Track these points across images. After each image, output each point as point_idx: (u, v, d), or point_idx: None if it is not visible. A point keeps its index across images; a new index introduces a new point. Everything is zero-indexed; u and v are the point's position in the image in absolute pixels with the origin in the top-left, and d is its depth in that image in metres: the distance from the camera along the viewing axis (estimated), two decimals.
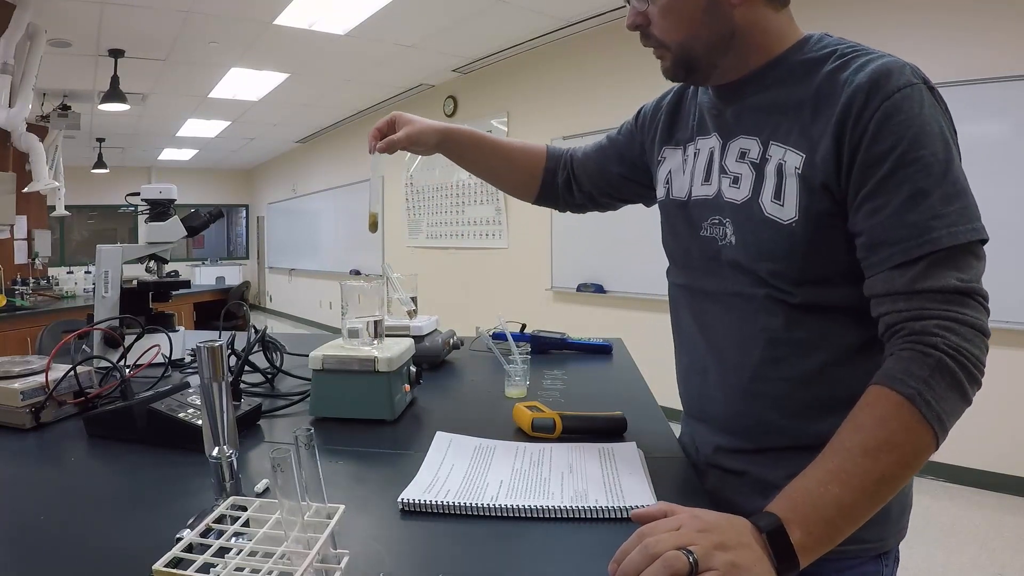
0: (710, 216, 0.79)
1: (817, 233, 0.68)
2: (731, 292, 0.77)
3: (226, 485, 0.60)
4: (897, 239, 0.63)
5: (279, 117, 7.50)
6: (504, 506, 0.67)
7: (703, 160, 0.81)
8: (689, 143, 0.85)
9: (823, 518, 0.56)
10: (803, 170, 0.68)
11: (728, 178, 0.77)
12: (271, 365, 1.26)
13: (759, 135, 0.74)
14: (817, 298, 0.71)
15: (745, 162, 0.75)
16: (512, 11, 4.20)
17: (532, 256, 5.21)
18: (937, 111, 0.65)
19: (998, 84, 2.78)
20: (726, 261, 0.77)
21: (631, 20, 0.78)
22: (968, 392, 0.60)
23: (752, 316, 0.75)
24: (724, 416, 0.80)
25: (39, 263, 5.00)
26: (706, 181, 0.80)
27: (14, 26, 3.54)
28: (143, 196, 1.50)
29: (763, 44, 0.74)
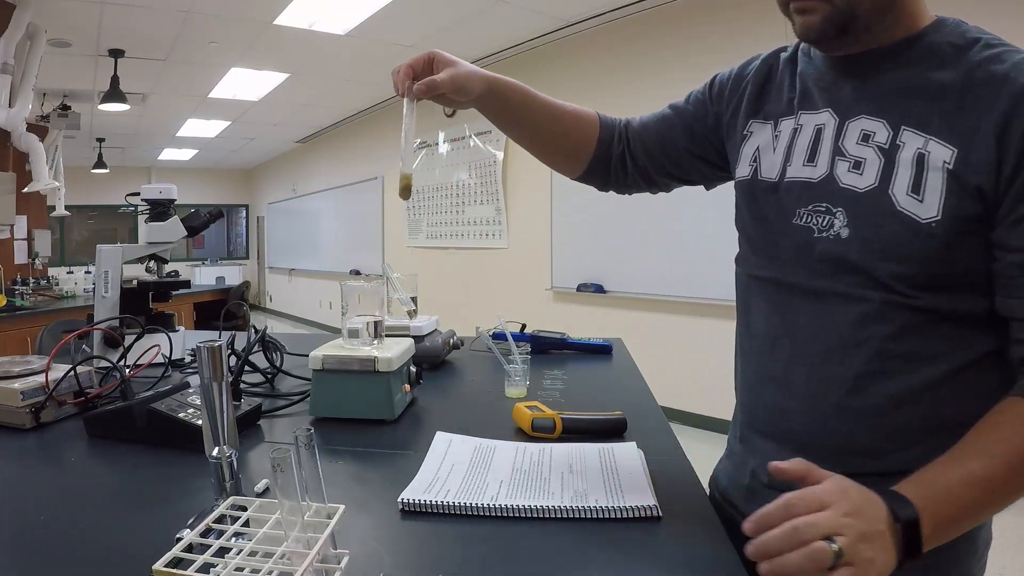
0: (811, 203, 0.69)
1: (958, 238, 0.61)
2: (835, 292, 0.67)
3: (226, 485, 0.60)
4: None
5: (279, 117, 7.50)
6: (504, 506, 0.67)
7: (806, 138, 0.71)
8: (784, 117, 0.75)
9: (953, 519, 0.54)
10: (955, 166, 0.60)
11: (847, 162, 0.66)
12: (271, 365, 1.26)
13: (886, 117, 0.65)
14: (939, 307, 0.63)
15: (870, 145, 0.65)
16: (512, 11, 4.20)
17: (532, 256, 5.21)
18: None
19: None
20: (825, 256, 0.67)
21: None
22: None
23: (858, 321, 0.65)
24: (807, 434, 0.69)
25: (39, 263, 5.00)
26: (810, 162, 0.70)
27: (14, 26, 3.54)
28: (143, 196, 1.50)
29: (912, 15, 0.66)
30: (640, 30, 4.31)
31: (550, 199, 4.97)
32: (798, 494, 0.52)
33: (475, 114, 0.94)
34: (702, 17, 3.93)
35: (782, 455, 0.61)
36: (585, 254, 4.73)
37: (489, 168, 5.63)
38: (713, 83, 0.88)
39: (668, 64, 4.14)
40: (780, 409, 0.72)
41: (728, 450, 0.87)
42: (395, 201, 7.14)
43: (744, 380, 0.79)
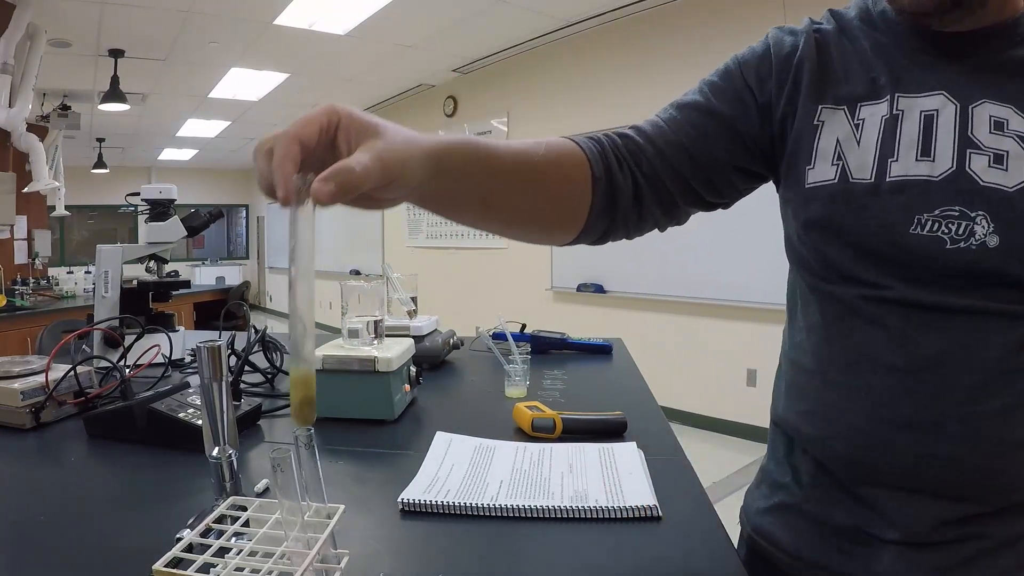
0: (938, 207, 0.56)
1: None
2: (988, 311, 0.55)
3: (226, 485, 0.60)
4: None
5: (279, 117, 7.49)
6: (504, 506, 0.67)
7: (912, 126, 0.58)
8: (867, 102, 0.60)
9: None
10: None
11: (984, 155, 0.55)
12: (271, 365, 1.26)
13: (1013, 103, 0.55)
14: None
15: (1008, 135, 0.54)
16: (512, 11, 4.20)
17: (532, 256, 5.21)
18: None
19: None
20: (966, 271, 0.55)
21: None
22: None
23: (1019, 343, 0.54)
24: (963, 481, 0.56)
25: (39, 263, 5.00)
26: (925, 156, 0.57)
27: (14, 26, 3.54)
28: (143, 196, 1.50)
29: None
30: (640, 30, 4.31)
31: None
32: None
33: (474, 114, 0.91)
34: (702, 17, 3.93)
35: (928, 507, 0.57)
36: (585, 254, 4.73)
37: None
38: (742, 68, 0.69)
39: (668, 64, 4.14)
40: (928, 457, 0.57)
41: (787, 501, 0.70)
42: None
43: (847, 426, 0.61)
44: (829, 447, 0.64)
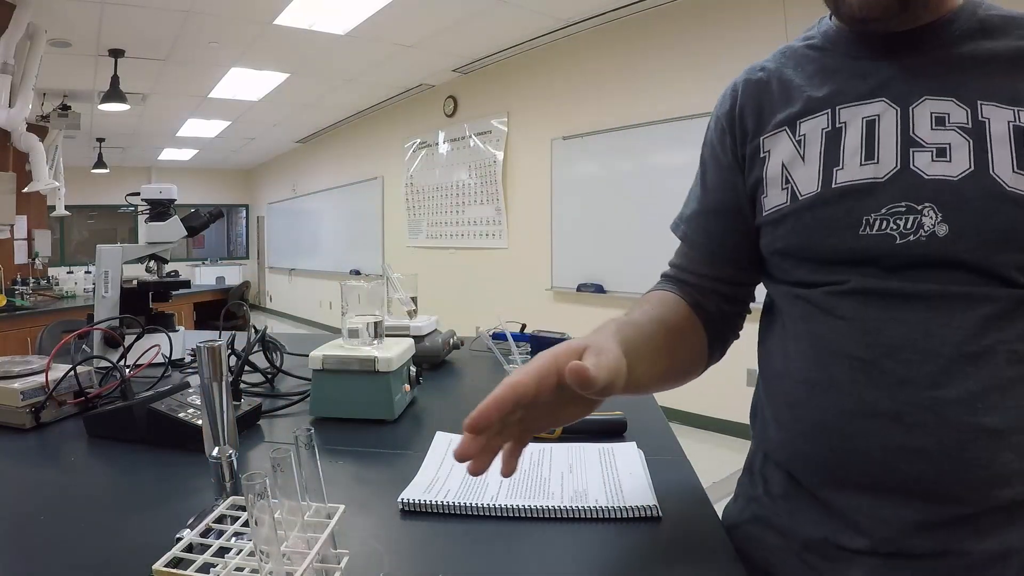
0: (887, 205, 0.57)
1: None
2: (946, 295, 0.55)
3: (226, 485, 0.60)
4: None
5: (279, 117, 7.49)
6: (504, 506, 0.67)
7: (855, 134, 0.60)
8: (805, 118, 0.63)
9: None
10: None
11: (927, 151, 0.57)
12: (271, 365, 1.26)
13: (954, 95, 0.57)
14: None
15: (950, 127, 0.56)
16: (512, 11, 4.19)
17: (532, 256, 5.21)
18: None
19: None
20: (920, 262, 0.56)
21: None
22: None
23: (981, 326, 0.54)
24: (934, 475, 0.53)
25: (39, 263, 5.00)
26: (869, 159, 0.59)
27: (14, 26, 3.54)
28: (143, 196, 1.50)
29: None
30: (640, 30, 4.31)
31: (550, 199, 4.97)
32: None
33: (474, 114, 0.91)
34: (702, 17, 3.93)
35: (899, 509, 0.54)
36: (585, 254, 4.73)
37: (489, 168, 5.63)
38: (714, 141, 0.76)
39: (668, 64, 4.14)
40: (894, 449, 0.55)
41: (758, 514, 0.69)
42: (395, 201, 7.14)
43: (810, 423, 0.61)
44: (794, 449, 0.63)
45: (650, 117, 4.21)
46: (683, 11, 4.05)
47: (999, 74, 0.57)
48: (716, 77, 3.79)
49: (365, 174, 7.76)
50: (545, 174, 5.00)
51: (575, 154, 4.79)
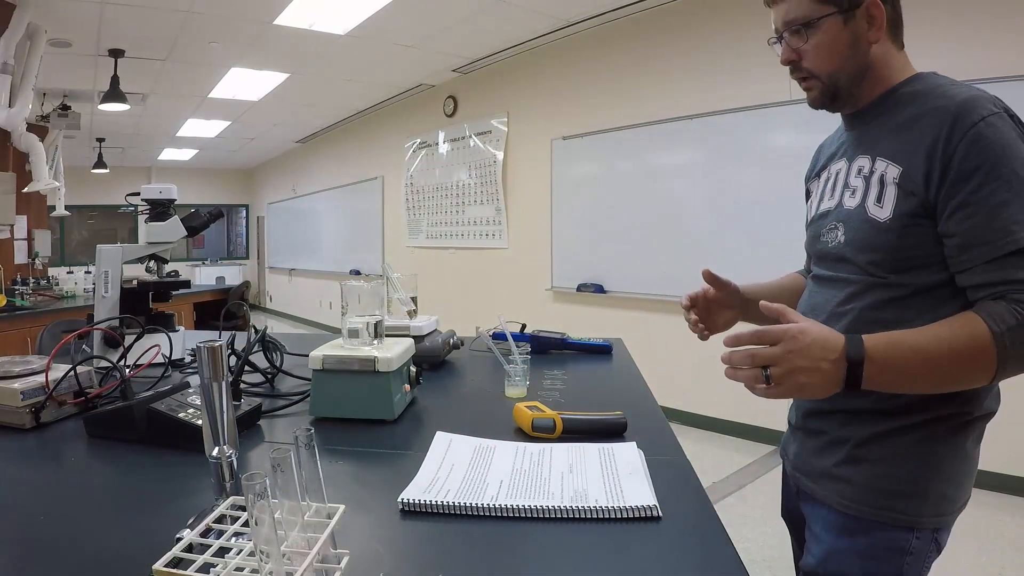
0: (823, 224, 0.95)
1: (905, 230, 0.82)
2: (833, 278, 0.92)
3: (226, 485, 0.60)
4: (987, 240, 0.75)
5: (279, 117, 7.49)
6: (504, 506, 0.67)
7: (832, 180, 0.97)
8: (824, 170, 1.01)
9: (894, 371, 0.76)
10: (900, 180, 0.82)
11: (849, 191, 0.91)
12: (271, 365, 1.26)
13: (870, 153, 0.88)
14: (905, 283, 0.83)
15: (860, 176, 0.89)
16: (512, 11, 4.19)
17: (532, 256, 5.21)
18: (1016, 134, 0.78)
19: (998, 84, 2.78)
20: (835, 258, 0.92)
21: (785, 56, 0.91)
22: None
23: (846, 298, 0.88)
24: None
25: (39, 263, 4.99)
26: (830, 197, 0.95)
27: (14, 26, 3.54)
28: (143, 196, 1.50)
29: (886, 77, 0.89)
30: (640, 30, 4.31)
31: (550, 199, 4.97)
32: (765, 329, 0.76)
33: (474, 114, 0.94)
34: (702, 17, 3.93)
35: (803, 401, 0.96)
36: (585, 254, 4.73)
37: (489, 168, 5.63)
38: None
39: (668, 64, 4.14)
40: None
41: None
42: (395, 201, 7.14)
43: None
44: None
45: (650, 117, 4.21)
46: (683, 11, 4.04)
47: (892, 137, 0.85)
48: (716, 77, 3.80)
49: (365, 174, 7.76)
50: (545, 174, 5.00)
51: (575, 154, 4.79)
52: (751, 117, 3.58)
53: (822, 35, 0.87)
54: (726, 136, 3.74)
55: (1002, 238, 0.74)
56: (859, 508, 0.85)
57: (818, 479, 0.91)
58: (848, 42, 0.87)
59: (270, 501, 0.44)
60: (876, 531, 0.85)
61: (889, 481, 0.84)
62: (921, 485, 0.83)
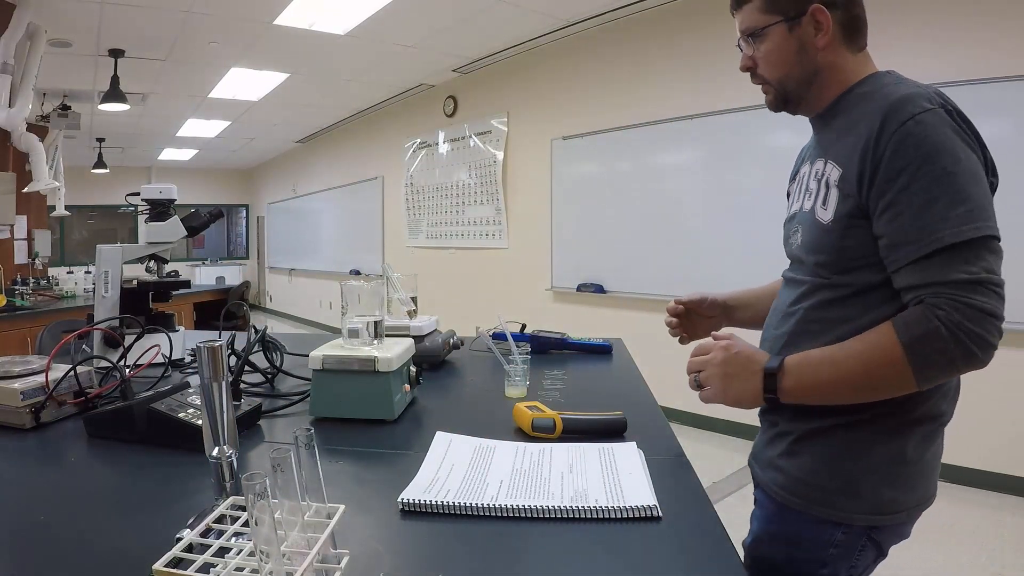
0: (791, 226, 0.99)
1: (845, 231, 0.84)
2: (788, 279, 0.98)
3: (226, 485, 0.60)
4: (910, 239, 0.76)
5: (279, 117, 7.49)
6: (504, 506, 0.67)
7: (800, 184, 0.99)
8: (797, 173, 1.03)
9: (809, 383, 0.82)
10: (839, 182, 0.85)
11: (808, 194, 0.93)
12: (271, 365, 1.26)
13: (824, 156, 0.90)
14: (848, 284, 0.85)
15: (815, 179, 0.91)
16: (512, 11, 4.19)
17: (532, 256, 5.21)
18: (951, 130, 0.77)
19: (998, 84, 2.78)
20: (796, 259, 0.96)
21: (742, 64, 0.96)
22: (957, 360, 0.74)
23: (796, 298, 0.92)
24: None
25: (39, 263, 4.99)
26: (797, 200, 0.98)
27: (14, 26, 3.54)
28: (143, 196, 1.50)
29: (840, 80, 0.90)
30: (640, 30, 4.31)
31: (550, 199, 4.97)
32: (702, 342, 0.92)
33: (474, 114, 0.94)
34: (702, 17, 3.93)
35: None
36: (585, 254, 4.73)
37: (489, 168, 5.63)
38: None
39: (668, 64, 4.14)
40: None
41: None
42: (395, 201, 7.14)
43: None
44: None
45: (650, 117, 4.20)
46: (683, 11, 4.04)
47: (840, 139, 0.87)
48: (715, 77, 3.79)
49: (365, 174, 7.76)
50: (545, 174, 5.00)
51: (575, 154, 4.79)
52: (751, 117, 3.58)
53: (769, 43, 0.91)
54: (726, 136, 3.74)
55: (926, 237, 0.75)
56: (788, 498, 0.88)
57: (764, 467, 0.95)
58: (794, 49, 0.90)
59: (270, 501, 0.44)
60: (802, 522, 0.88)
61: (820, 476, 0.86)
62: (853, 484, 0.85)
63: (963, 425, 0.71)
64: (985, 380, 0.62)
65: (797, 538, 0.89)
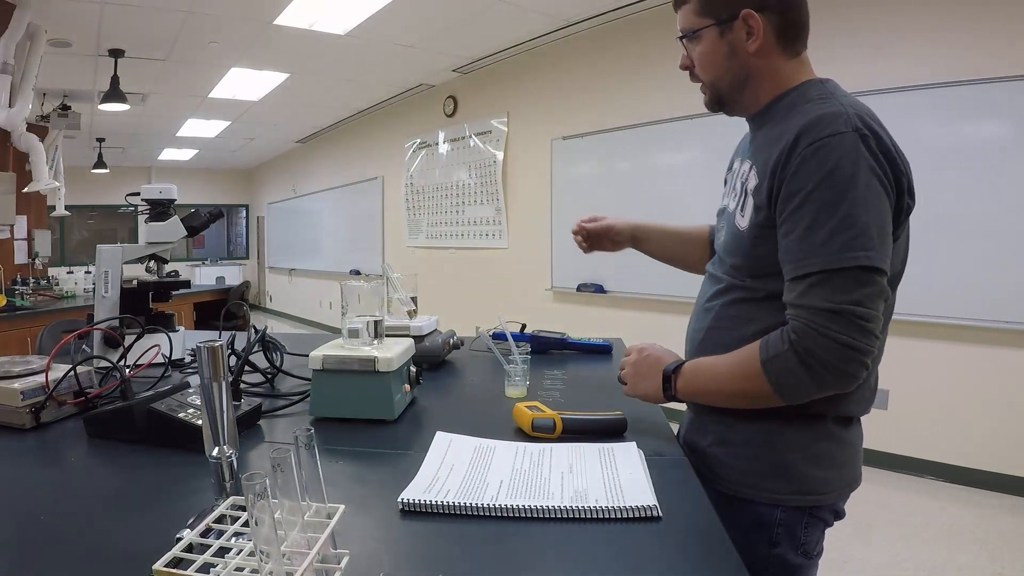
0: (720, 223, 1.04)
1: (757, 239, 0.88)
2: (711, 274, 1.02)
3: (226, 485, 0.60)
4: (792, 259, 0.81)
5: (279, 117, 7.49)
6: (504, 506, 0.67)
7: (732, 178, 1.03)
8: (731, 168, 1.07)
9: (694, 388, 0.92)
10: (754, 192, 0.89)
11: (734, 193, 0.98)
12: (271, 365, 1.26)
13: (751, 160, 0.92)
14: (759, 287, 0.90)
15: (741, 180, 0.95)
16: (512, 11, 4.19)
17: (532, 256, 5.21)
18: (860, 156, 0.77)
19: (998, 84, 2.78)
20: (718, 256, 1.02)
21: (682, 63, 0.99)
22: (808, 384, 0.79)
23: (713, 294, 0.98)
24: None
25: (39, 263, 4.99)
26: (727, 196, 1.03)
27: (14, 26, 3.54)
28: (143, 196, 1.50)
29: (773, 85, 0.92)
30: (640, 30, 4.31)
31: (550, 199, 4.97)
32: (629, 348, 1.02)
33: (474, 114, 0.95)
34: None
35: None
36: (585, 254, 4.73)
37: (489, 168, 5.63)
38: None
39: (668, 64, 4.14)
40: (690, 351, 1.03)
41: None
42: (395, 201, 7.14)
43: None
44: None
45: (650, 117, 4.20)
46: None
47: (764, 147, 0.89)
48: None
49: (365, 174, 7.76)
50: (545, 174, 5.00)
51: (575, 154, 4.79)
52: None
53: (703, 45, 0.93)
54: (726, 136, 3.72)
55: (804, 259, 0.79)
56: (727, 485, 0.92)
57: (700, 458, 0.96)
58: (725, 52, 0.91)
59: (270, 501, 0.44)
60: (744, 506, 0.91)
61: (751, 463, 0.91)
62: (779, 467, 0.89)
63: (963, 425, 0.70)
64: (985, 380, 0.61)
65: (742, 522, 0.89)
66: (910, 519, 2.67)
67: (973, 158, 2.86)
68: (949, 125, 2.93)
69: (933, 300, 3.00)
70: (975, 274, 2.90)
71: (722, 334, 0.93)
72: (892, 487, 3.04)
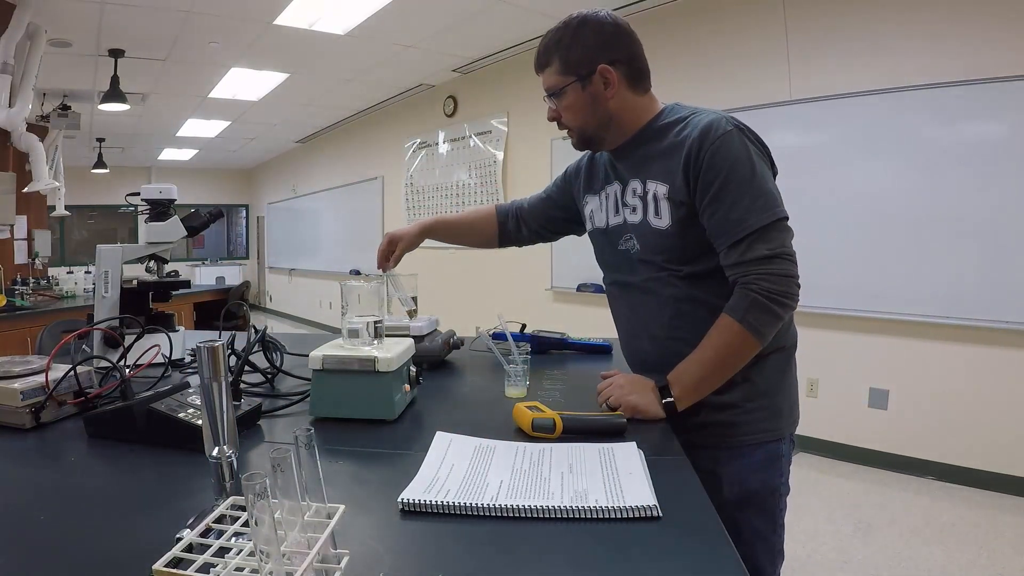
0: (622, 236, 1.18)
1: (682, 231, 1.07)
2: (645, 279, 1.15)
3: (226, 485, 0.60)
4: (726, 230, 1.01)
5: (279, 117, 7.49)
6: (504, 506, 0.67)
7: (611, 200, 1.20)
8: (601, 190, 1.24)
9: (689, 384, 1.03)
10: (669, 194, 1.07)
11: (628, 209, 1.16)
12: (271, 365, 1.26)
13: (640, 177, 1.13)
14: (697, 271, 1.09)
15: (636, 196, 1.14)
16: (512, 11, 4.19)
17: (532, 256, 5.21)
18: (746, 144, 1.03)
19: (998, 84, 2.78)
20: (638, 261, 1.16)
21: (549, 115, 1.17)
22: (778, 312, 0.99)
23: (661, 290, 1.12)
24: (655, 360, 1.13)
25: (39, 263, 4.99)
26: (616, 214, 1.19)
27: (14, 26, 3.54)
28: (143, 196, 1.50)
29: (633, 119, 1.13)
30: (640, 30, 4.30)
31: None
32: (606, 374, 1.12)
33: (474, 114, 0.95)
34: (702, 18, 3.93)
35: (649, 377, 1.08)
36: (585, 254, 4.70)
37: (489, 168, 5.63)
38: (567, 173, 1.39)
39: (668, 64, 4.14)
40: (642, 351, 1.20)
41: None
42: (395, 201, 7.14)
43: (622, 342, 1.29)
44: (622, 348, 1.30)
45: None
46: (682, 11, 4.04)
47: (656, 162, 1.10)
48: (715, 77, 3.79)
49: (365, 174, 7.76)
50: (545, 174, 5.00)
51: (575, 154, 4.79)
52: (751, 117, 3.55)
53: (567, 99, 1.11)
54: None
55: (735, 227, 1.00)
56: (740, 439, 1.09)
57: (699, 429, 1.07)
58: (588, 102, 1.10)
59: (270, 501, 0.44)
60: (758, 449, 1.10)
61: (756, 412, 1.09)
62: (777, 404, 1.12)
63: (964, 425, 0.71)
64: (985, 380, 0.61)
65: (760, 464, 1.10)
66: (910, 519, 2.67)
67: (972, 158, 2.86)
68: (948, 125, 2.93)
69: (933, 300, 3.00)
70: (975, 274, 2.90)
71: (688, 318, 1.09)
72: (892, 487, 3.04)
